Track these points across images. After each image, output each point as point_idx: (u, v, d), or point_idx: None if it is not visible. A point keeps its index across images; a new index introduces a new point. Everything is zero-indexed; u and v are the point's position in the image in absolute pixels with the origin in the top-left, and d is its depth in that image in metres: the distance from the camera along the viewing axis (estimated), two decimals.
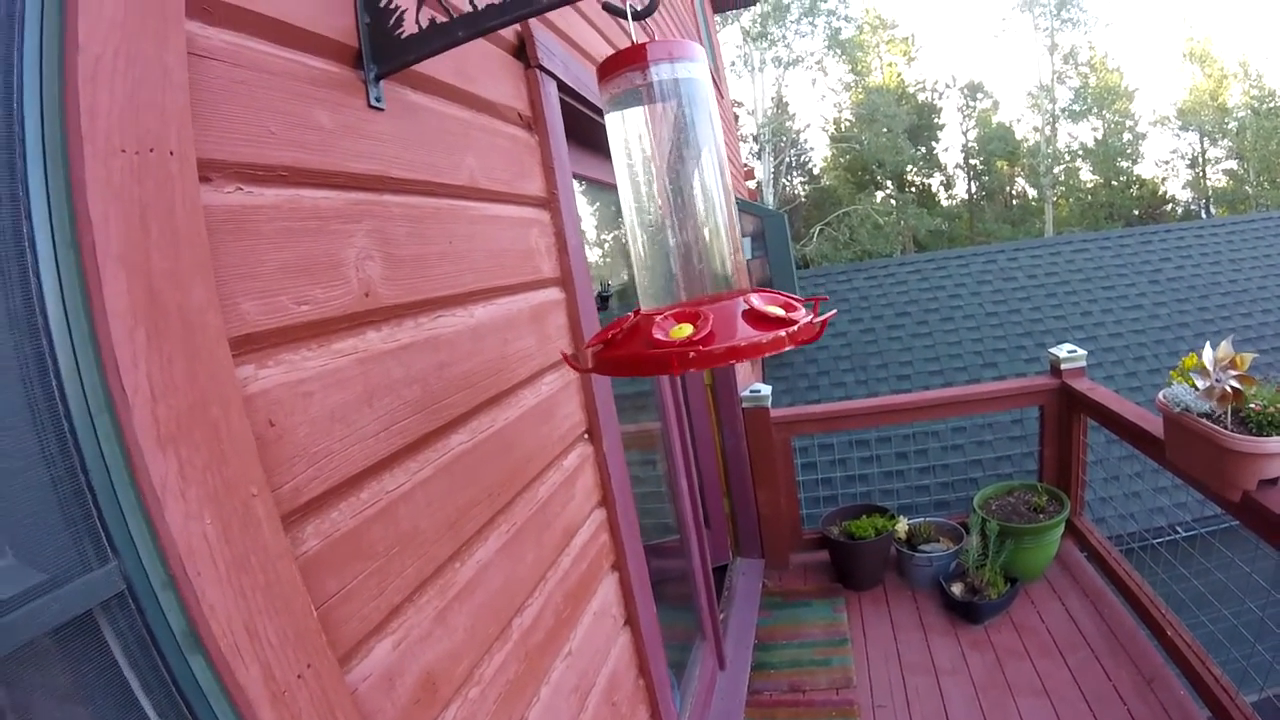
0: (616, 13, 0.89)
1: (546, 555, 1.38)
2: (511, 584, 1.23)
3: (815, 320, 0.77)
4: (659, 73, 0.79)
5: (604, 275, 2.91)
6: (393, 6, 1.10)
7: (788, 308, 0.77)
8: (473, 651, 1.08)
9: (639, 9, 0.88)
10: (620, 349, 0.77)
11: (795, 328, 0.75)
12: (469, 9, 1.06)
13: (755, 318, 0.75)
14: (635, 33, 0.85)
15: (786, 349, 0.74)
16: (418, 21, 1.09)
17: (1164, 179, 28.90)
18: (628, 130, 0.84)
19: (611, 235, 2.99)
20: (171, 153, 0.72)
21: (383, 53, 1.10)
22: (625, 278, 2.96)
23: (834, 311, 0.93)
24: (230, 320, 0.76)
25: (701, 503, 3.19)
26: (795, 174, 29.27)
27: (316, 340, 0.88)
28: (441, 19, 1.05)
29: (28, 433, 0.63)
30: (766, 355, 0.75)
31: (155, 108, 0.71)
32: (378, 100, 1.10)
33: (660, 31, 4.51)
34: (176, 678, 0.67)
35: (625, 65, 0.80)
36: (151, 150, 0.70)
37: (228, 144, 0.82)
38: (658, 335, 0.72)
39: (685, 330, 0.72)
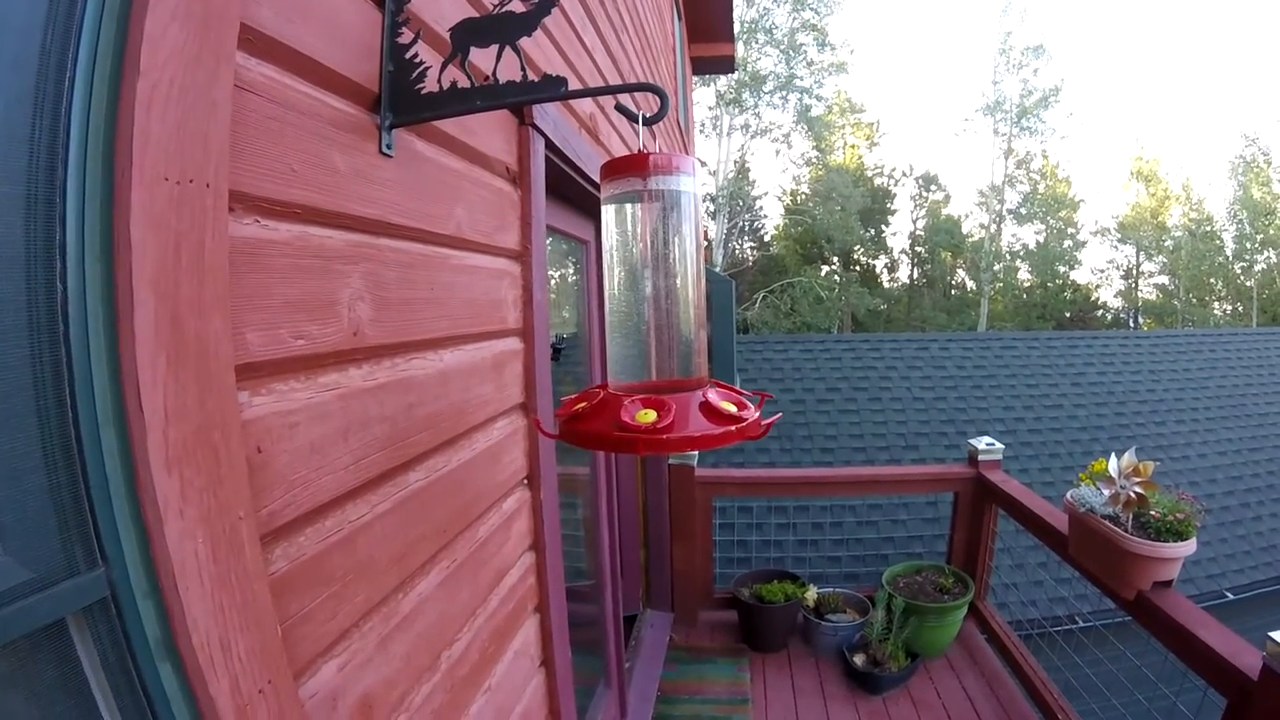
0: (629, 116, 0.99)
1: (480, 593, 1.43)
2: (446, 618, 1.28)
3: (762, 421, 0.86)
4: (657, 182, 0.89)
5: (557, 327, 3.00)
6: (417, 60, 1.14)
7: (739, 405, 0.87)
8: (406, 680, 1.12)
9: (648, 115, 0.98)
10: (589, 424, 0.85)
11: (744, 424, 0.85)
12: (488, 75, 1.12)
13: (711, 412, 0.85)
14: (638, 134, 0.96)
15: (734, 443, 0.84)
16: (439, 81, 1.14)
17: (1097, 286, 30.71)
18: (622, 225, 0.93)
19: (571, 288, 3.08)
20: (208, 185, 0.75)
21: (400, 104, 1.14)
22: (575, 330, 3.04)
23: (779, 415, 1.04)
24: (236, 349, 0.79)
25: (619, 551, 3.24)
26: (746, 238, 30.08)
27: (306, 374, 0.93)
28: (463, 84, 1.11)
29: (34, 437, 0.64)
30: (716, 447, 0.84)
31: (200, 139, 0.74)
32: (388, 148, 1.15)
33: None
34: (145, 682, 0.70)
35: (629, 171, 0.90)
36: (191, 181, 0.73)
37: (253, 177, 0.85)
38: (625, 418, 0.81)
39: (650, 416, 0.81)
